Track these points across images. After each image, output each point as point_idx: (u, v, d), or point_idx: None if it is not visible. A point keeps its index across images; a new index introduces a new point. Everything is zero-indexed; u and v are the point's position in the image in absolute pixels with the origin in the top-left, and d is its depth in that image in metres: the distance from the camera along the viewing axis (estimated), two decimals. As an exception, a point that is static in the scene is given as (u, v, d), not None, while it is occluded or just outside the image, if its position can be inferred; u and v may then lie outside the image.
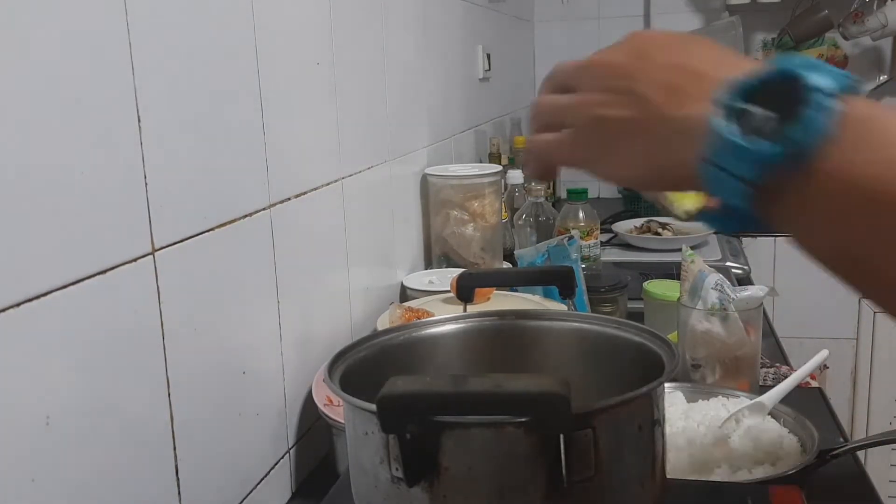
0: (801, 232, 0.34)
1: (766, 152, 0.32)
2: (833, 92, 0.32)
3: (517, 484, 0.42)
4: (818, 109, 0.32)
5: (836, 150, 0.32)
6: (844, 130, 0.32)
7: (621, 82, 0.41)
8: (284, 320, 0.76)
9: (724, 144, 0.34)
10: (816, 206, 0.33)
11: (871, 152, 0.31)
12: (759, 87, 0.34)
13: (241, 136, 0.69)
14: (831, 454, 0.72)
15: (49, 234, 0.46)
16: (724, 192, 0.35)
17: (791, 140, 0.32)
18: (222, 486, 0.66)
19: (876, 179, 0.31)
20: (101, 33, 0.51)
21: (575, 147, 0.43)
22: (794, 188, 0.33)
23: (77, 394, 0.48)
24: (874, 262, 0.32)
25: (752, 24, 2.27)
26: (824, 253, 0.34)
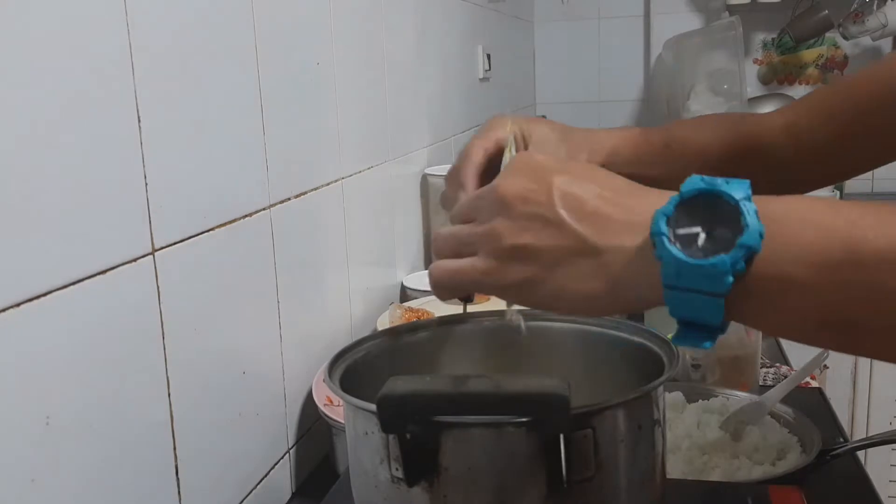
0: (761, 322, 0.37)
1: (729, 264, 0.35)
2: (748, 197, 0.36)
3: (517, 484, 0.42)
4: (751, 214, 0.36)
5: (768, 244, 0.35)
6: (767, 225, 0.36)
7: (531, 209, 0.41)
8: (284, 320, 0.76)
9: (687, 269, 0.36)
10: (764, 298, 0.36)
11: (794, 244, 0.35)
12: (683, 208, 0.37)
13: (241, 136, 0.69)
14: (831, 454, 0.72)
15: (49, 234, 0.46)
16: (697, 311, 0.37)
17: (745, 246, 0.35)
18: (222, 486, 0.66)
19: (796, 262, 0.35)
20: (101, 33, 0.51)
21: (492, 274, 0.42)
22: (746, 290, 0.36)
23: (77, 394, 0.48)
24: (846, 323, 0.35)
25: (752, 24, 2.27)
26: (794, 332, 0.37)
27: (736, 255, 0.35)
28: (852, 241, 0.34)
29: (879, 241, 0.33)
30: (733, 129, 0.67)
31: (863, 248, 0.33)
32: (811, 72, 2.30)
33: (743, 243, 0.35)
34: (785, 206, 0.36)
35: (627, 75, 2.41)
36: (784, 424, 0.77)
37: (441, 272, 0.45)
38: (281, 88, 0.76)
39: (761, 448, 0.73)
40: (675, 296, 0.37)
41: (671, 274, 0.36)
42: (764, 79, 2.34)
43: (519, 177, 0.42)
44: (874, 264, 0.33)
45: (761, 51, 2.33)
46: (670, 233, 0.37)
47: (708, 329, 0.37)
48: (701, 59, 2.10)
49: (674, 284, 0.36)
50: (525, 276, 0.41)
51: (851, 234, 0.34)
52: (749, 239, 0.35)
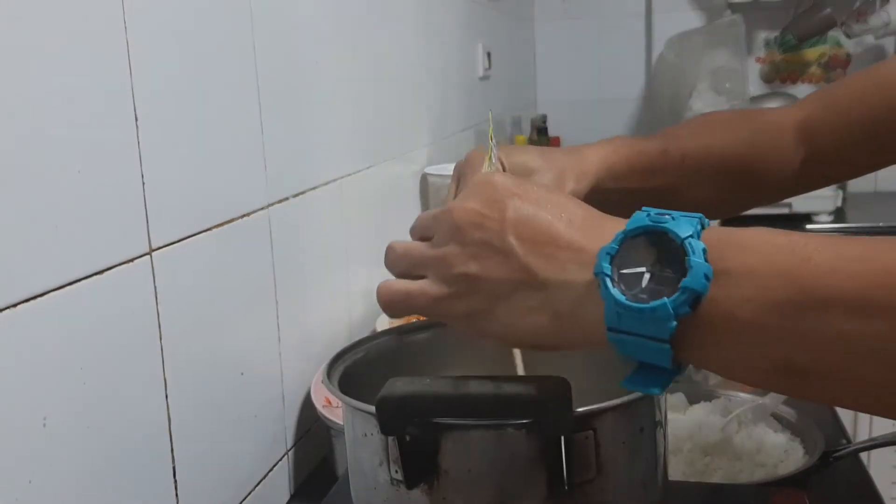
0: (712, 364, 0.36)
1: (671, 308, 0.34)
2: (696, 233, 0.35)
3: (518, 486, 0.42)
4: (698, 255, 0.34)
5: (716, 286, 0.34)
6: (716, 265, 0.34)
7: (481, 235, 0.40)
8: (283, 321, 0.76)
9: (626, 313, 0.35)
10: (711, 340, 0.35)
11: (743, 285, 0.34)
12: (629, 245, 0.36)
13: (240, 135, 0.69)
14: (834, 456, 0.71)
15: (46, 234, 0.46)
16: (641, 354, 0.36)
17: (689, 289, 0.34)
18: (220, 488, 0.65)
19: (744, 303, 0.33)
20: (99, 32, 0.51)
21: (441, 302, 0.42)
22: (695, 333, 0.35)
23: (74, 395, 0.48)
24: (796, 366, 0.33)
25: (755, 23, 2.27)
26: (746, 375, 0.36)
27: (678, 299, 0.34)
28: (802, 283, 0.32)
29: (831, 284, 0.31)
30: (737, 129, 0.66)
31: (813, 292, 0.32)
32: (814, 70, 2.30)
33: (686, 286, 0.34)
34: (737, 242, 0.35)
35: (629, 74, 2.41)
36: (786, 426, 0.77)
37: (391, 293, 0.45)
38: (279, 87, 0.76)
39: (764, 450, 0.73)
40: (619, 339, 0.36)
41: (613, 317, 0.35)
42: (766, 77, 2.33)
43: (474, 200, 0.41)
44: (824, 309, 0.31)
45: (764, 49, 2.33)
46: (614, 272, 0.36)
47: (662, 371, 0.36)
48: (703, 57, 2.10)
49: (616, 327, 0.35)
50: (472, 308, 0.41)
51: (802, 275, 0.32)
52: (692, 282, 0.34)
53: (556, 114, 2.26)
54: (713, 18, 2.29)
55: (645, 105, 2.41)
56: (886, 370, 0.31)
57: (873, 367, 0.31)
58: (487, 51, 1.72)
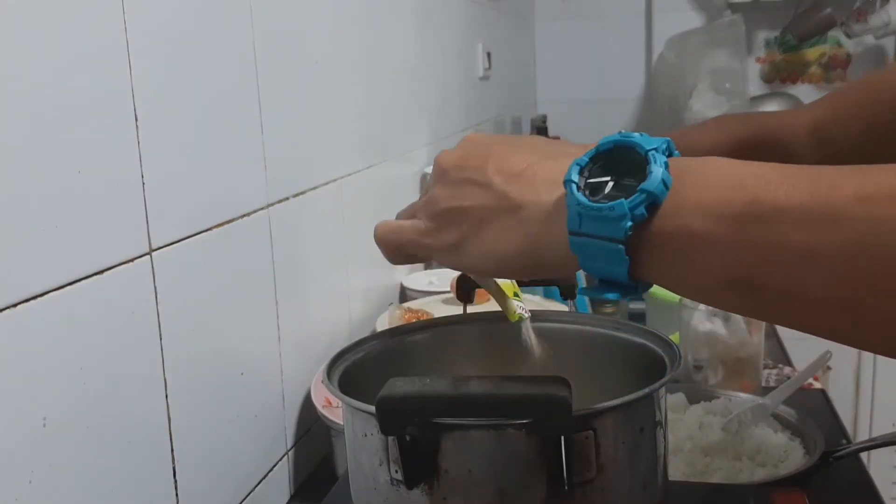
0: (666, 278, 0.37)
1: (627, 208, 0.35)
2: (661, 149, 0.37)
3: (518, 486, 0.42)
4: (659, 164, 0.36)
5: (673, 194, 0.36)
6: (675, 177, 0.36)
7: (465, 174, 0.43)
8: (283, 321, 0.76)
9: (587, 214, 0.37)
10: (666, 251, 0.36)
11: (697, 196, 0.35)
12: (599, 160, 0.38)
13: (240, 135, 0.69)
14: (834, 456, 0.71)
15: (46, 234, 0.46)
16: (598, 258, 0.37)
17: (646, 191, 0.35)
18: (220, 488, 0.65)
19: (698, 214, 0.35)
20: (99, 33, 0.51)
21: (428, 235, 0.45)
22: (651, 241, 0.36)
23: (74, 395, 0.48)
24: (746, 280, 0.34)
25: (755, 23, 2.27)
26: (699, 290, 0.37)
27: (635, 200, 0.35)
28: (756, 195, 0.33)
29: (781, 195, 0.32)
30: (750, 131, 0.66)
31: (764, 201, 0.33)
32: (814, 70, 2.30)
33: (644, 188, 0.35)
34: (698, 163, 0.36)
35: (628, 74, 2.41)
36: (787, 426, 0.77)
37: (384, 230, 0.48)
38: (279, 87, 0.76)
39: (764, 450, 0.73)
40: (578, 243, 0.37)
41: (574, 220, 0.37)
42: (766, 77, 2.33)
43: (460, 149, 0.45)
44: (774, 218, 0.32)
45: (764, 49, 2.33)
46: (581, 182, 0.38)
47: (621, 286, 0.38)
48: (703, 57, 2.10)
49: (576, 230, 0.37)
50: (456, 237, 0.43)
51: (757, 189, 0.33)
52: (650, 185, 0.35)
53: (556, 114, 2.26)
54: (713, 18, 2.29)
55: (645, 105, 2.41)
56: (830, 284, 0.31)
57: (816, 279, 0.32)
58: (487, 51, 1.72)
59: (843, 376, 1.90)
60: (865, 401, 1.91)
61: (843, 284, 0.31)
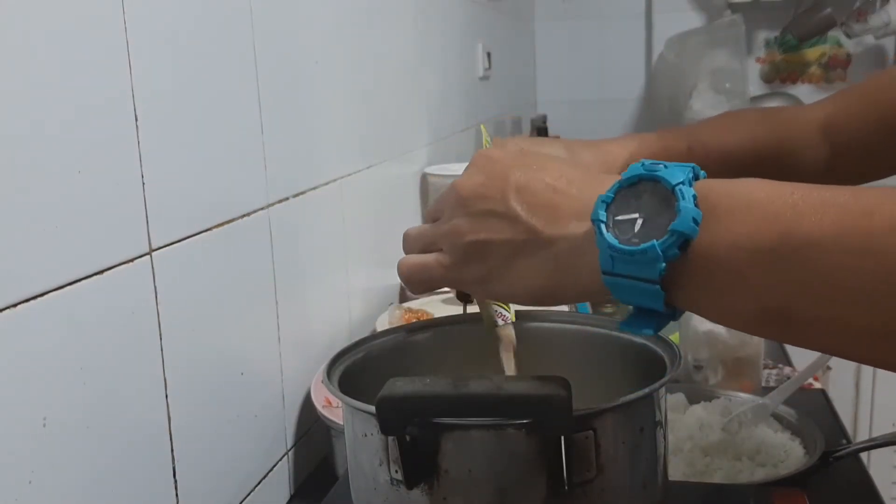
0: (702, 309, 0.37)
1: (659, 251, 0.35)
2: (688, 180, 0.37)
3: (518, 486, 0.42)
4: (687, 200, 0.36)
5: (705, 230, 0.35)
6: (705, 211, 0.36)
7: (487, 205, 0.43)
8: (283, 321, 0.76)
9: (619, 257, 0.37)
10: (701, 285, 0.36)
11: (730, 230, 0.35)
12: (624, 193, 0.38)
13: (240, 135, 0.69)
14: (834, 456, 0.71)
15: (46, 234, 0.46)
16: (635, 297, 0.37)
17: (677, 232, 0.35)
18: (220, 488, 0.65)
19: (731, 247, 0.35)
20: (99, 33, 0.51)
21: (455, 269, 0.44)
22: (685, 276, 0.36)
23: (74, 395, 0.48)
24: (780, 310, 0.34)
25: (755, 23, 2.27)
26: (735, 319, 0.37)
27: (667, 242, 0.35)
28: (787, 227, 0.33)
29: (813, 225, 0.32)
30: (763, 128, 0.66)
31: (796, 233, 0.33)
32: (814, 70, 2.30)
33: (674, 229, 0.35)
34: (727, 191, 0.36)
35: (628, 74, 2.40)
36: (787, 426, 0.77)
37: (409, 267, 0.47)
38: (279, 87, 0.76)
39: (764, 450, 0.73)
40: (613, 282, 0.37)
41: (607, 260, 0.37)
42: (766, 77, 2.33)
43: (476, 174, 0.44)
44: (807, 249, 0.32)
45: (764, 49, 2.33)
46: (609, 219, 0.37)
47: (657, 315, 0.37)
48: (703, 57, 2.10)
49: (610, 271, 0.37)
50: (484, 272, 0.43)
51: (788, 219, 0.33)
52: (681, 225, 0.35)
53: (556, 114, 2.26)
54: (713, 18, 2.29)
55: (645, 105, 2.41)
56: (865, 311, 0.31)
57: (853, 308, 0.32)
58: (487, 51, 1.72)
59: (843, 376, 1.90)
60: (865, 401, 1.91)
61: (880, 312, 0.31)
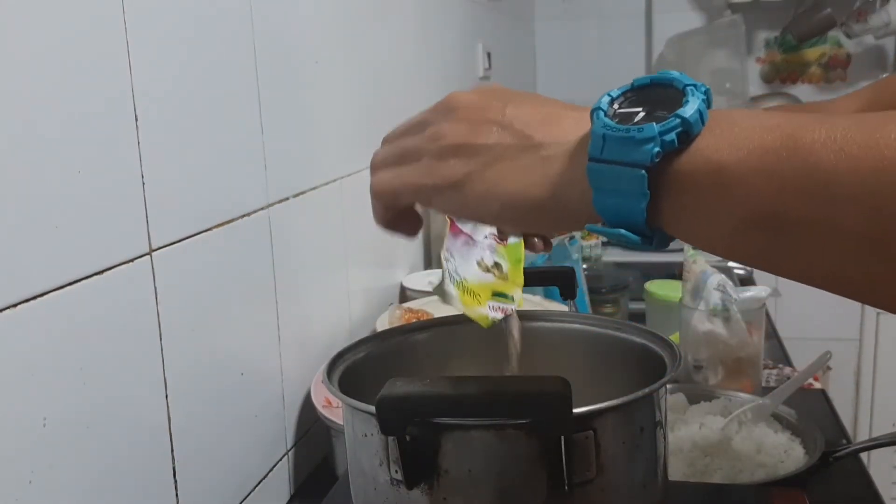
0: (685, 222, 0.35)
1: (656, 131, 0.33)
2: (701, 89, 0.34)
3: (518, 486, 0.42)
4: (697, 98, 0.34)
5: (708, 131, 0.33)
6: (712, 118, 0.34)
7: (483, 114, 0.39)
8: (283, 321, 0.76)
9: (612, 136, 0.34)
10: (692, 192, 0.33)
11: (732, 134, 0.33)
12: (633, 94, 0.35)
13: (240, 135, 0.69)
14: (834, 456, 0.71)
15: (46, 234, 0.46)
16: (616, 192, 0.34)
17: (680, 117, 0.33)
18: (220, 488, 0.65)
19: (731, 148, 0.33)
20: (99, 33, 0.51)
21: (431, 169, 0.40)
22: (677, 180, 0.33)
23: (74, 395, 0.48)
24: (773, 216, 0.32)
25: (755, 23, 2.26)
26: (722, 229, 0.34)
27: (668, 125, 0.33)
28: (794, 132, 0.31)
29: (821, 132, 0.31)
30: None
31: (801, 136, 0.31)
32: (814, 70, 2.30)
33: (679, 114, 0.33)
34: (732, 110, 0.34)
35: (628, 74, 2.38)
36: (787, 426, 0.77)
37: (381, 178, 0.43)
38: (279, 87, 0.76)
39: (764, 450, 0.73)
40: (597, 170, 0.34)
41: (597, 143, 0.34)
42: (766, 77, 2.33)
43: (475, 92, 0.41)
44: (810, 147, 0.31)
45: (764, 49, 2.33)
46: (610, 110, 0.35)
47: (634, 230, 0.34)
48: (703, 57, 2.10)
49: (598, 156, 0.34)
50: (462, 172, 0.39)
51: (795, 127, 0.32)
52: (685, 112, 0.33)
53: (556, 114, 2.25)
54: (713, 18, 2.29)
55: (645, 105, 2.41)
56: (866, 217, 0.29)
57: (855, 212, 0.30)
58: (487, 51, 1.72)
59: (843, 376, 1.90)
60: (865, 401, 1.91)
61: (880, 218, 0.29)
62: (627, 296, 1.17)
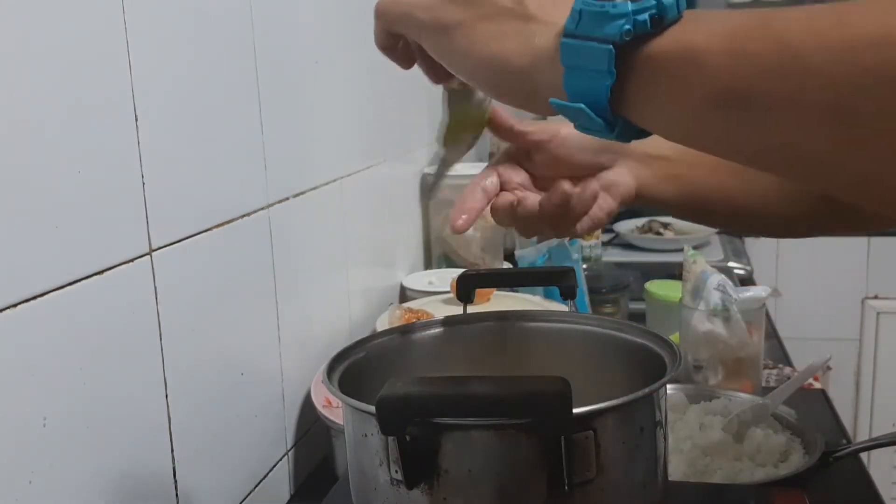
0: (649, 105, 0.35)
1: (629, 9, 0.34)
2: None
3: (518, 486, 0.42)
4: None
5: (681, 21, 0.34)
6: (688, 10, 0.35)
7: None
8: (283, 321, 0.76)
9: (587, 10, 0.35)
10: (659, 74, 0.34)
11: (707, 21, 0.34)
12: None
13: (240, 135, 0.69)
14: (834, 456, 0.71)
15: (46, 234, 0.46)
16: (584, 71, 0.35)
17: (657, 1, 0.34)
18: (220, 488, 0.65)
19: (703, 32, 0.33)
20: (99, 33, 0.51)
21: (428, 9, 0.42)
22: (644, 62, 0.34)
23: (74, 395, 0.48)
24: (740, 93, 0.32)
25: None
26: (682, 117, 0.35)
27: (642, 5, 0.34)
28: (766, 15, 0.32)
29: (792, 13, 0.31)
30: None
31: (774, 18, 0.32)
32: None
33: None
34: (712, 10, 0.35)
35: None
36: (787, 426, 0.77)
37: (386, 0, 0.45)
38: (279, 87, 0.76)
39: (764, 450, 0.73)
40: (569, 45, 0.35)
41: (573, 17, 0.35)
42: (766, 78, 2.33)
43: None
44: (783, 26, 0.31)
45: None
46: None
47: (596, 110, 0.35)
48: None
49: (572, 31, 0.35)
50: (455, 19, 0.41)
51: (766, 15, 0.32)
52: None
53: (556, 114, 2.25)
54: (713, 19, 2.28)
55: (645, 105, 2.41)
56: (829, 88, 0.29)
57: (818, 83, 0.30)
58: (487, 51, 1.72)
59: (843, 376, 1.90)
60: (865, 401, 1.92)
61: (843, 89, 0.29)
62: (627, 296, 1.17)
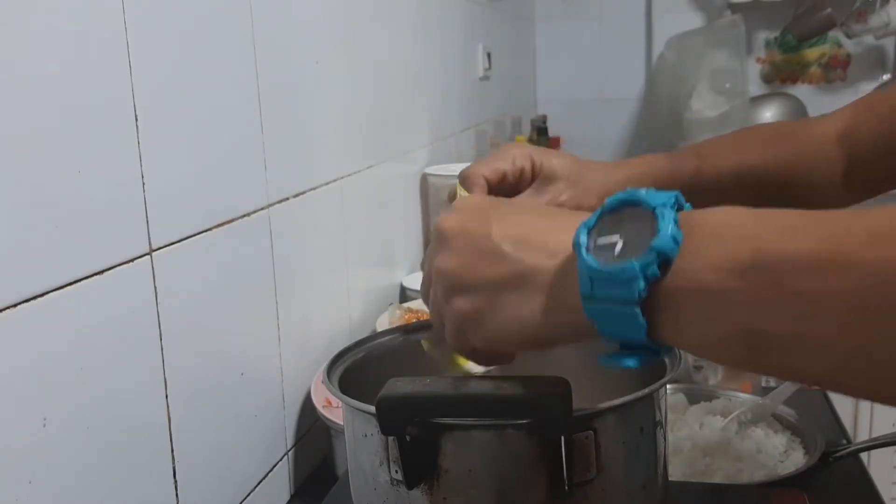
0: (681, 337, 0.36)
1: (638, 269, 0.35)
2: (670, 204, 0.36)
3: (518, 486, 0.42)
4: (667, 220, 0.35)
5: (685, 251, 0.35)
6: (686, 233, 0.35)
7: (469, 241, 0.42)
8: (283, 321, 0.76)
9: (598, 277, 0.36)
10: (680, 310, 0.35)
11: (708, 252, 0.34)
12: (607, 218, 0.37)
13: (240, 135, 0.69)
14: (834, 456, 0.71)
15: (46, 234, 0.46)
16: (614, 323, 0.36)
17: (657, 250, 0.34)
18: (220, 488, 0.65)
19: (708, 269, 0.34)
20: (99, 33, 0.51)
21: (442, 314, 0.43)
22: (667, 300, 0.35)
23: (74, 395, 0.48)
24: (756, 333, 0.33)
25: (755, 23, 2.26)
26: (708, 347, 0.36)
27: (646, 259, 0.34)
28: (760, 243, 0.33)
29: (790, 243, 0.32)
30: (775, 144, 0.64)
31: (772, 251, 0.32)
32: (814, 71, 2.30)
33: (654, 247, 0.34)
34: (705, 215, 0.36)
35: (629, 74, 2.40)
36: (787, 426, 0.77)
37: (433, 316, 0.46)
38: (279, 87, 0.76)
39: (764, 450, 0.73)
40: (593, 308, 0.36)
41: (586, 283, 0.36)
42: (766, 78, 2.33)
43: (458, 213, 0.44)
44: (784, 266, 0.32)
45: (764, 49, 2.33)
46: (590, 243, 0.37)
47: (641, 349, 0.36)
48: (703, 57, 2.10)
49: (589, 294, 0.36)
50: (471, 310, 0.41)
51: (765, 238, 0.33)
52: (661, 243, 0.34)
53: (556, 114, 2.26)
54: (713, 18, 2.29)
55: (645, 105, 2.41)
56: (842, 330, 0.30)
57: (831, 327, 0.31)
58: (487, 51, 1.72)
59: (843, 376, 1.89)
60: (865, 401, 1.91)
61: (855, 329, 0.30)
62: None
